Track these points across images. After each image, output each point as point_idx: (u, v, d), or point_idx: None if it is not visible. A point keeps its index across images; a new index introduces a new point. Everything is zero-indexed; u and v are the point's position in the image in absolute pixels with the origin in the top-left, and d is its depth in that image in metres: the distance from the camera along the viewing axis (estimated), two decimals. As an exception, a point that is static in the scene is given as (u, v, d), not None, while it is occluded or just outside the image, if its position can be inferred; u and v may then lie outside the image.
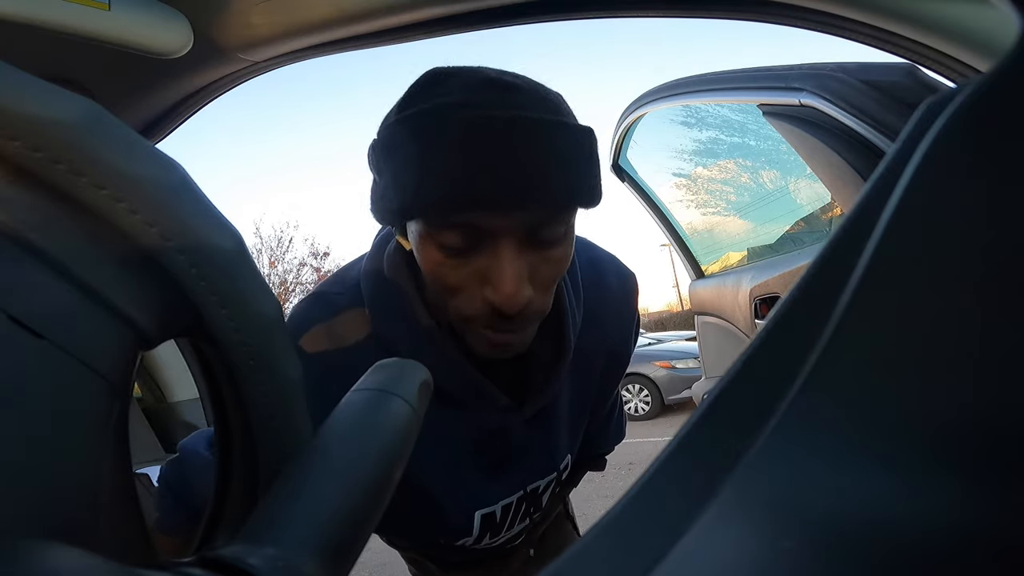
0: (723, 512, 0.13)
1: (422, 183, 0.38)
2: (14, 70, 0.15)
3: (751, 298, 1.41)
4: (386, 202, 0.42)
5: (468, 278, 0.41)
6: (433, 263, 0.42)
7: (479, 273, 0.41)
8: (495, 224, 0.39)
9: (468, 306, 0.42)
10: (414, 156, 0.39)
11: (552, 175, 0.39)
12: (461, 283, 0.41)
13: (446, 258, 0.41)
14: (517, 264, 0.40)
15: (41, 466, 0.15)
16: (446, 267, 0.41)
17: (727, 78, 1.23)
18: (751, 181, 1.82)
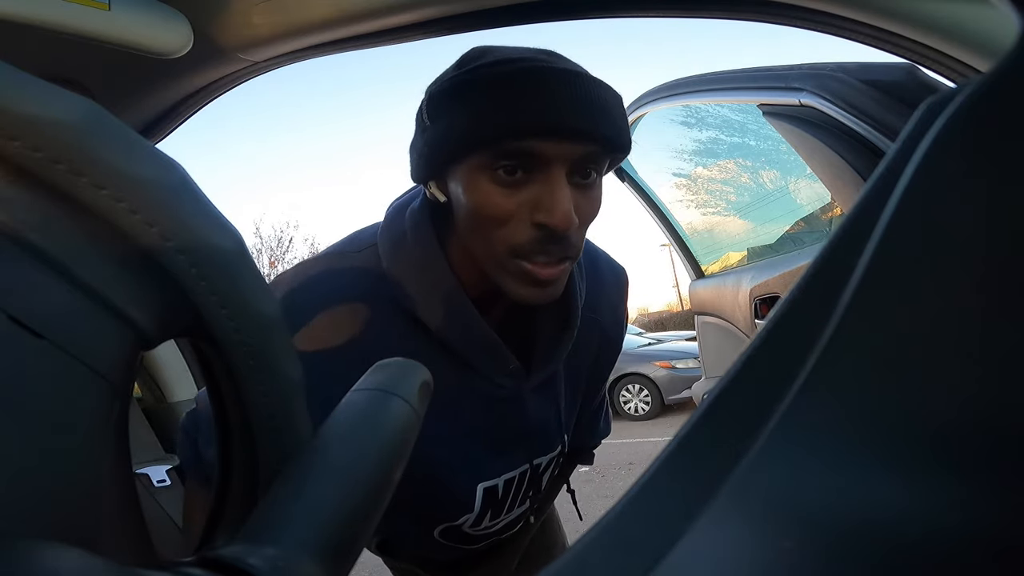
0: (723, 512, 0.13)
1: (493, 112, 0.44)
2: (14, 70, 0.15)
3: (751, 298, 1.41)
4: (442, 144, 0.46)
5: (520, 207, 0.45)
6: (485, 195, 0.45)
7: (531, 201, 0.45)
8: (550, 151, 0.44)
9: (519, 234, 0.46)
10: (483, 93, 0.45)
11: (601, 117, 0.45)
12: (513, 212, 0.45)
13: (500, 188, 0.45)
14: (567, 190, 0.45)
15: (41, 466, 0.15)
16: (499, 197, 0.45)
17: (727, 78, 1.23)
18: (751, 181, 1.82)
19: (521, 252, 0.46)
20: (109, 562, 0.15)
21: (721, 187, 1.96)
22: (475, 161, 0.45)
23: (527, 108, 0.43)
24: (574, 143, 0.45)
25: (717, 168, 1.94)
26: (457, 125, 0.45)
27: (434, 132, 0.47)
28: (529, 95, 0.43)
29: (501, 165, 0.45)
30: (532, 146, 0.44)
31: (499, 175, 0.45)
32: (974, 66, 0.55)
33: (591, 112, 0.45)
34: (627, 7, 0.65)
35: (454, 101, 0.47)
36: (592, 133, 0.45)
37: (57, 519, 0.15)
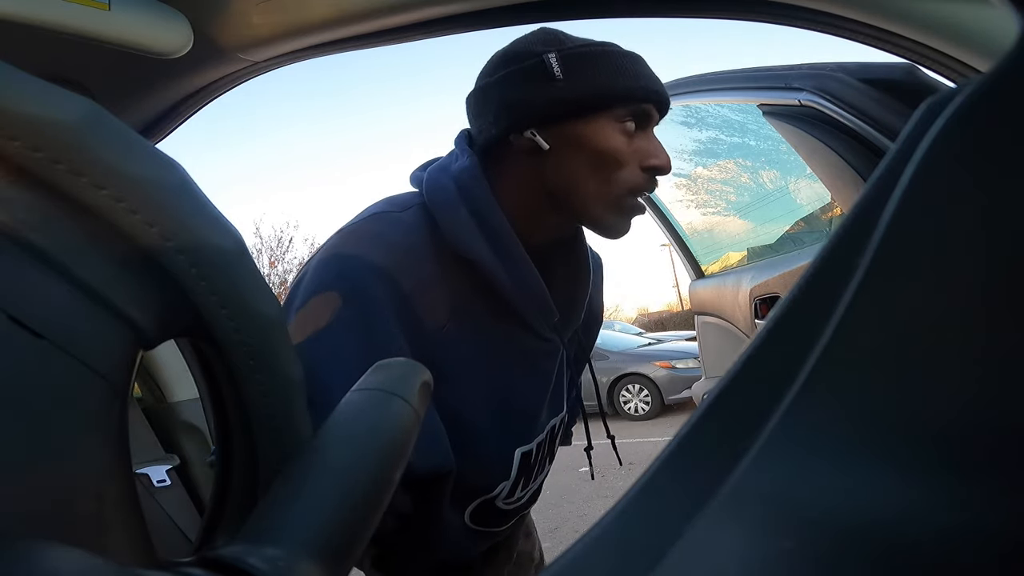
0: (723, 512, 0.13)
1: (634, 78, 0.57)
2: (14, 70, 0.15)
3: (751, 298, 1.41)
4: (589, 93, 0.56)
5: (635, 155, 0.57)
6: (616, 141, 0.56)
7: (642, 151, 0.58)
8: (655, 114, 0.59)
9: (633, 177, 0.57)
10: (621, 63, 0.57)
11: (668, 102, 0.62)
12: (631, 157, 0.57)
13: (625, 137, 0.57)
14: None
15: (41, 466, 0.15)
16: (624, 144, 0.56)
17: (727, 78, 1.23)
18: (751, 181, 1.82)
19: (639, 191, 0.58)
20: (109, 562, 0.15)
21: (721, 187, 1.96)
22: (608, 116, 0.56)
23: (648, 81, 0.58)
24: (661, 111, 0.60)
25: (717, 168, 1.94)
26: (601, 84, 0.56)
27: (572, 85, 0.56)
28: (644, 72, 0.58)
29: (627, 122, 0.56)
30: (648, 108, 0.58)
31: (625, 126, 0.56)
32: (974, 66, 0.55)
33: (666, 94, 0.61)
34: (627, 7, 0.65)
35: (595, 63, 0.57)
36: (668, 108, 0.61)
37: (57, 519, 0.15)
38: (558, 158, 0.57)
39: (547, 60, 0.57)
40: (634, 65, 0.58)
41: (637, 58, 0.59)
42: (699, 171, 1.99)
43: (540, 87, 0.57)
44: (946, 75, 0.59)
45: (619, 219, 0.60)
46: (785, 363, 0.14)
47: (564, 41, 0.59)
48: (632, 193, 0.58)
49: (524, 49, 0.58)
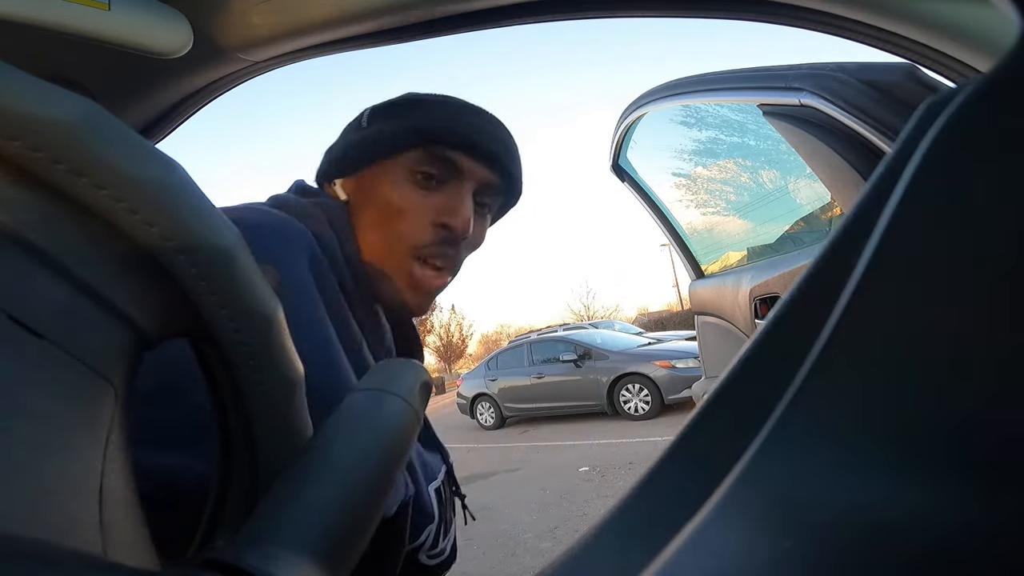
0: (723, 511, 0.13)
1: (430, 121, 0.52)
2: (14, 70, 0.15)
3: (751, 298, 1.41)
4: (377, 141, 0.52)
5: (427, 209, 0.51)
6: (403, 192, 0.51)
7: (438, 206, 0.52)
8: (466, 165, 0.52)
9: (422, 233, 0.51)
10: (422, 109, 0.53)
11: (510, 156, 0.55)
12: (421, 212, 0.51)
13: (417, 189, 0.51)
14: (471, 204, 0.52)
15: (41, 465, 0.15)
16: (414, 196, 0.51)
17: (727, 78, 1.23)
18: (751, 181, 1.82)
19: (420, 251, 0.51)
20: (110, 562, 0.15)
21: (721, 187, 1.96)
22: (402, 161, 0.52)
23: (459, 124, 0.52)
24: (485, 166, 0.53)
25: (717, 168, 1.95)
26: (397, 126, 0.52)
27: (371, 132, 0.53)
28: (462, 118, 0.53)
29: (422, 171, 0.51)
30: (455, 156, 0.51)
31: (418, 178, 0.51)
32: (974, 66, 0.55)
33: (505, 149, 0.54)
34: (627, 7, 0.65)
35: (396, 111, 0.54)
36: (502, 163, 0.54)
37: (57, 519, 0.15)
38: (355, 211, 0.53)
39: (364, 113, 0.56)
40: (448, 111, 0.53)
41: (463, 109, 0.53)
42: (699, 171, 1.99)
43: (348, 135, 0.56)
44: (946, 75, 0.59)
45: (403, 289, 0.52)
46: (784, 363, 0.14)
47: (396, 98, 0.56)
48: (413, 254, 0.51)
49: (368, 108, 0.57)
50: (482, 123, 0.53)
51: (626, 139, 1.85)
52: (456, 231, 0.51)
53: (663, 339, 7.99)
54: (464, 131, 0.52)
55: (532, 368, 7.72)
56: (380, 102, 0.56)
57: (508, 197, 0.59)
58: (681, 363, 6.24)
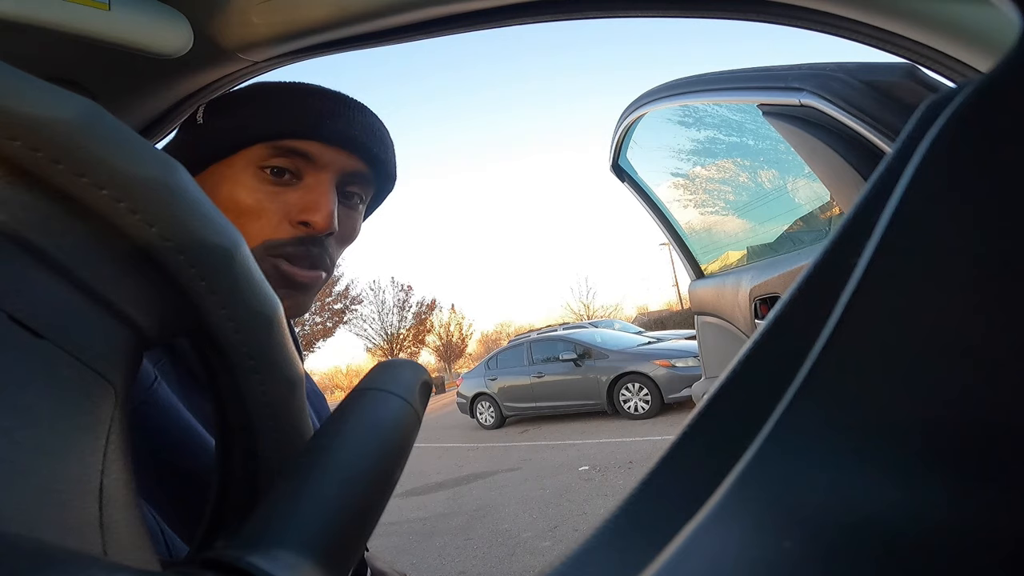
0: (723, 512, 0.13)
1: (275, 110, 0.46)
2: (14, 70, 0.15)
3: (751, 298, 1.41)
4: (216, 137, 0.47)
5: (283, 206, 0.46)
6: (249, 191, 0.46)
7: (295, 203, 0.46)
8: (324, 156, 0.47)
9: (279, 231, 0.46)
10: (267, 96, 0.48)
11: (374, 139, 0.50)
12: (275, 209, 0.46)
13: (267, 186, 0.46)
14: (334, 195, 0.47)
15: (41, 465, 0.15)
16: (262, 195, 0.46)
17: (727, 78, 1.23)
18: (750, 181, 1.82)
19: (278, 249, 0.46)
20: (110, 563, 0.15)
21: (720, 187, 1.96)
22: (246, 158, 0.46)
23: (308, 111, 0.46)
24: (346, 154, 0.48)
25: (716, 168, 1.94)
26: (237, 120, 0.46)
27: (208, 127, 0.48)
28: (312, 103, 0.47)
29: (271, 165, 0.46)
30: (306, 147, 0.46)
31: (266, 174, 0.46)
32: (974, 66, 0.55)
33: (367, 131, 0.49)
34: (627, 7, 0.65)
35: (236, 102, 0.48)
36: (366, 147, 0.48)
37: (57, 519, 0.15)
38: None
39: (198, 108, 0.51)
40: (292, 98, 0.48)
41: (310, 93, 0.48)
42: (698, 171, 1.99)
43: (183, 134, 0.51)
44: (946, 75, 0.59)
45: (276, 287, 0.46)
46: (784, 363, 0.14)
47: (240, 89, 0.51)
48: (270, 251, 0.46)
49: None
50: (335, 106, 0.48)
51: (626, 139, 1.85)
52: (318, 228, 0.46)
53: (663, 338, 8.00)
54: (314, 118, 0.46)
55: (532, 367, 7.73)
56: (218, 95, 0.52)
57: (381, 183, 0.54)
58: (681, 362, 6.25)
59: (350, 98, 0.50)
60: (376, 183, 0.53)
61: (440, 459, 6.56)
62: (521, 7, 0.65)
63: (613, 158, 1.93)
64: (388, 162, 0.52)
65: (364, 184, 0.51)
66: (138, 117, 0.79)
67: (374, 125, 0.51)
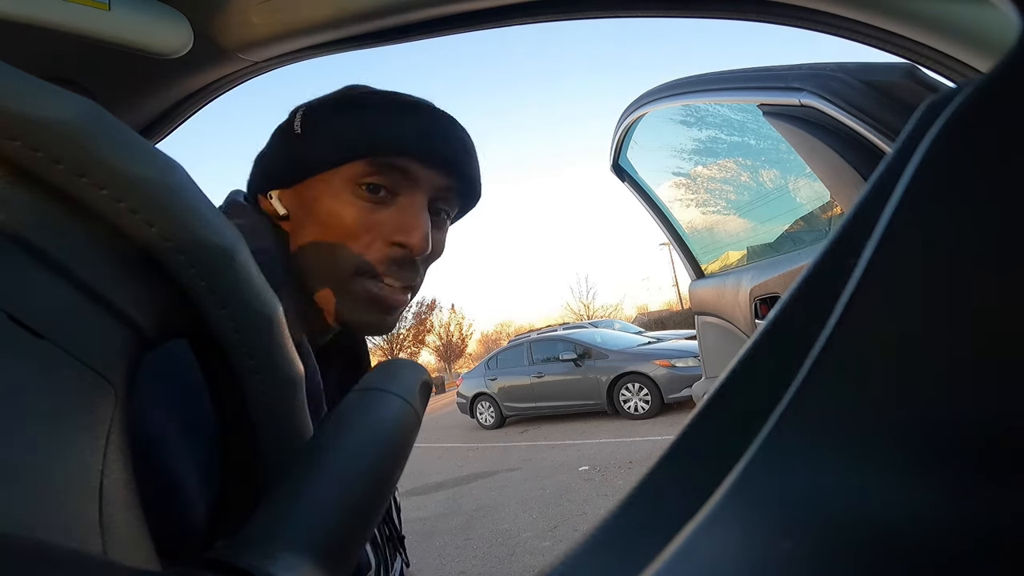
0: (722, 512, 0.13)
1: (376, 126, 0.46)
2: (14, 70, 0.15)
3: (751, 298, 1.41)
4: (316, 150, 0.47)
5: (377, 226, 0.46)
6: (346, 206, 0.46)
7: (389, 222, 0.47)
8: (420, 174, 0.47)
9: (372, 251, 0.46)
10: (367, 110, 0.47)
11: (467, 159, 0.50)
12: (369, 229, 0.46)
13: (363, 203, 0.46)
14: (427, 215, 0.48)
15: (41, 465, 0.15)
16: (359, 211, 0.46)
17: (727, 78, 1.23)
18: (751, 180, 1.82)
19: (370, 270, 0.46)
20: (111, 562, 0.15)
21: (720, 186, 1.96)
22: (344, 173, 0.46)
23: (409, 128, 0.46)
24: (441, 173, 0.48)
25: (716, 167, 1.95)
26: (337, 133, 0.46)
27: (308, 139, 0.47)
28: (412, 120, 0.47)
29: (367, 182, 0.46)
30: (405, 164, 0.46)
31: (363, 191, 0.46)
32: (974, 66, 0.55)
33: (462, 151, 0.49)
34: (627, 7, 0.65)
35: (337, 114, 0.48)
36: (460, 168, 0.49)
37: (57, 519, 0.15)
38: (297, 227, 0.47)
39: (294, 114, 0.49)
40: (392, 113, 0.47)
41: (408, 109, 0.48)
42: (699, 170, 1.99)
43: (279, 143, 0.50)
44: (946, 75, 0.59)
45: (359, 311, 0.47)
46: (784, 363, 0.14)
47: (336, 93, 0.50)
48: (362, 273, 0.46)
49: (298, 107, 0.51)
50: (434, 123, 0.48)
51: (626, 139, 1.85)
52: (415, 250, 0.46)
53: (663, 338, 8.00)
54: (411, 136, 0.46)
55: (532, 367, 7.73)
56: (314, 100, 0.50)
57: (466, 200, 0.54)
58: (681, 362, 6.25)
59: (446, 113, 0.50)
60: (462, 200, 0.53)
61: (440, 459, 6.56)
62: (521, 7, 0.65)
63: (613, 158, 1.94)
64: (477, 180, 0.52)
65: (452, 202, 0.51)
66: (138, 117, 0.79)
67: (466, 142, 0.51)
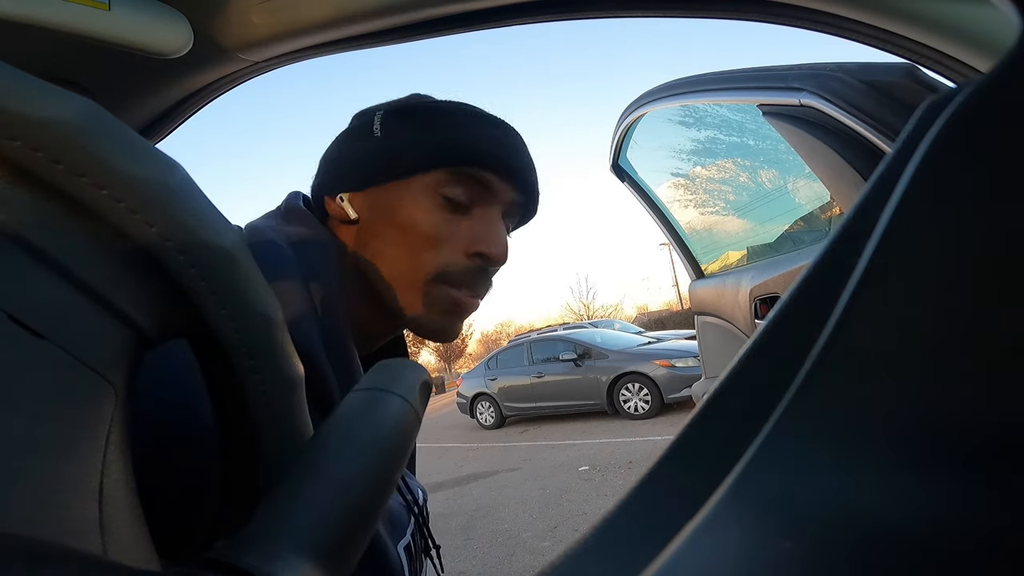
0: (722, 512, 0.13)
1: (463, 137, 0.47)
2: (14, 70, 0.15)
3: (751, 298, 1.41)
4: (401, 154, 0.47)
5: (455, 235, 0.47)
6: (429, 214, 0.46)
7: (467, 232, 0.47)
8: (498, 187, 0.48)
9: (451, 259, 0.46)
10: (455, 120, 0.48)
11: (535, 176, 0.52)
12: (449, 237, 0.46)
13: (444, 212, 0.47)
14: (503, 229, 0.49)
15: (41, 466, 0.15)
16: (440, 219, 0.46)
17: (727, 78, 1.23)
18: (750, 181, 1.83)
19: (450, 278, 0.47)
20: (111, 563, 0.15)
21: (720, 187, 1.96)
22: (425, 180, 0.46)
23: (488, 142, 0.47)
24: (516, 187, 0.49)
25: (716, 168, 1.95)
26: (423, 139, 0.47)
27: (392, 142, 0.48)
28: (494, 133, 0.48)
29: (448, 192, 0.46)
30: (487, 177, 0.47)
31: (443, 200, 0.46)
32: (974, 66, 0.55)
33: (530, 164, 0.51)
34: (627, 7, 0.65)
35: (415, 120, 0.48)
36: (530, 184, 0.50)
37: (57, 519, 0.15)
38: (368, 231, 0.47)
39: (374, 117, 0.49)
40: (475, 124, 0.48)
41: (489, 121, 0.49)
42: (698, 171, 1.99)
43: (356, 145, 0.49)
44: (946, 75, 0.59)
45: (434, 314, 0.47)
46: (784, 363, 0.14)
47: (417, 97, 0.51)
48: (441, 280, 0.46)
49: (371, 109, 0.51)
50: (506, 137, 0.49)
51: (626, 139, 1.85)
52: (495, 261, 0.47)
53: (663, 338, 8.00)
54: (494, 149, 0.47)
55: (532, 367, 7.73)
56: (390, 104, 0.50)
57: (527, 215, 0.55)
58: (681, 362, 6.25)
59: (512, 127, 0.51)
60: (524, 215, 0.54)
61: (440, 459, 6.56)
62: (521, 7, 0.65)
63: (613, 158, 1.94)
64: (538, 198, 0.54)
65: (517, 216, 0.53)
66: (138, 117, 0.79)
67: (531, 158, 0.52)
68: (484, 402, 8.39)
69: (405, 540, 0.49)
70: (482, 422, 8.45)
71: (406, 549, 0.49)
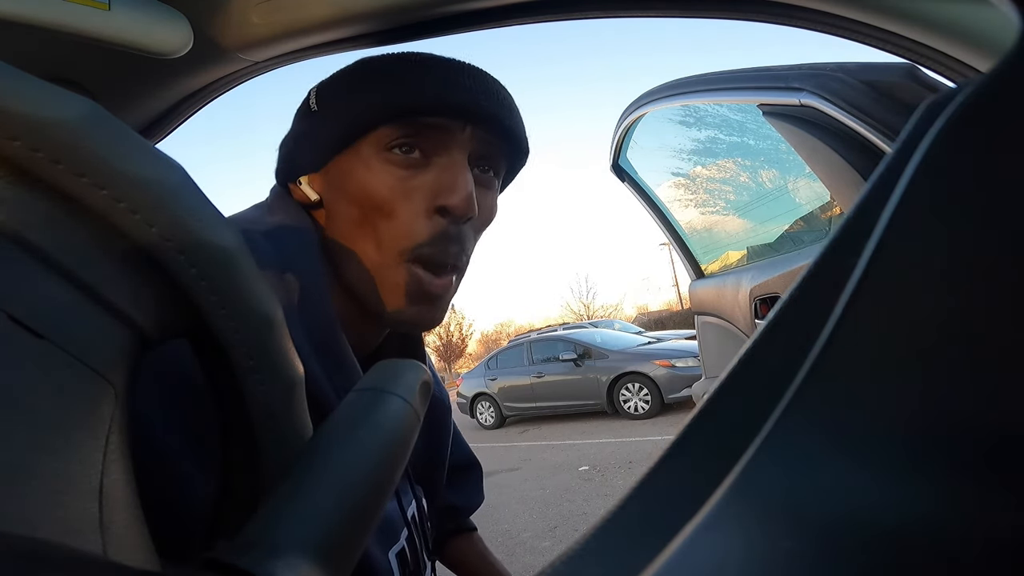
0: (722, 512, 0.13)
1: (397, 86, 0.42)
2: (14, 70, 0.15)
3: (751, 298, 1.41)
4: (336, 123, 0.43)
5: (416, 192, 0.42)
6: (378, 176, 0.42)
7: (429, 185, 0.42)
8: (454, 128, 0.42)
9: (416, 227, 0.41)
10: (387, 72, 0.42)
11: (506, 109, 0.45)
12: (408, 194, 0.42)
13: (396, 168, 0.42)
14: (470, 173, 0.43)
15: (41, 466, 0.15)
16: (393, 179, 0.42)
17: (727, 78, 1.23)
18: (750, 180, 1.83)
19: (416, 252, 0.42)
20: (111, 563, 0.15)
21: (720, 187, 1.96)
22: (371, 141, 0.42)
23: (434, 83, 0.41)
24: (478, 126, 0.43)
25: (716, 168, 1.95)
26: (354, 101, 0.42)
27: (326, 114, 0.44)
28: (436, 74, 0.42)
29: (398, 143, 0.41)
30: (436, 122, 0.41)
31: (394, 155, 0.42)
32: (974, 66, 0.55)
33: (498, 101, 0.44)
34: (627, 7, 0.65)
35: (353, 82, 0.44)
36: (496, 118, 0.43)
37: (57, 519, 0.15)
38: (331, 213, 0.44)
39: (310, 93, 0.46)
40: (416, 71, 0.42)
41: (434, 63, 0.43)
42: (698, 171, 1.99)
43: (299, 124, 0.47)
44: (946, 75, 0.59)
45: (403, 303, 0.43)
46: (784, 363, 0.14)
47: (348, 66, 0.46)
48: (408, 257, 0.41)
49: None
50: (453, 75, 0.43)
51: (626, 139, 1.85)
52: (458, 212, 0.41)
53: (663, 338, 8.00)
54: (437, 88, 0.41)
55: (532, 367, 7.73)
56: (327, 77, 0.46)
57: (514, 158, 0.49)
58: (681, 362, 6.25)
59: (471, 66, 0.45)
60: (508, 158, 0.48)
61: (440, 459, 6.54)
62: (521, 7, 0.65)
63: (613, 158, 1.94)
64: (517, 131, 0.47)
65: (497, 159, 0.47)
66: (138, 117, 0.79)
67: (500, 92, 0.45)
68: (484, 402, 8.39)
69: (398, 546, 0.46)
70: (482, 422, 8.45)
71: (399, 555, 0.46)
